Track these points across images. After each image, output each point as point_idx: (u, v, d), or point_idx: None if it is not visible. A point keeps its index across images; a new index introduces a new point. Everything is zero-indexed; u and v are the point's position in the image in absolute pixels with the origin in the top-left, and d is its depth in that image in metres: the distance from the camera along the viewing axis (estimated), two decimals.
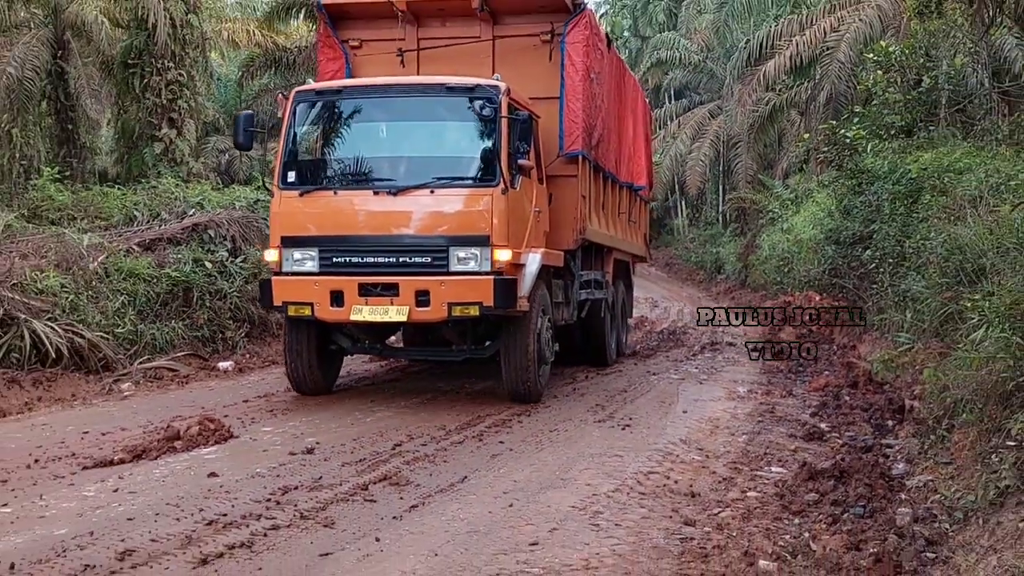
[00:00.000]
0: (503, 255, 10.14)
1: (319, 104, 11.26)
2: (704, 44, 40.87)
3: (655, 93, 46.56)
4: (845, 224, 16.90)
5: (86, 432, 9.09)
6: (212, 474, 7.51)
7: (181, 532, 6.06)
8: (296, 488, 7.15)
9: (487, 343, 11.22)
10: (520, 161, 10.60)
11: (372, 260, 10.35)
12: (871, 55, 19.97)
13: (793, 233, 24.33)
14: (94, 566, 5.43)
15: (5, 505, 6.59)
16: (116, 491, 7.01)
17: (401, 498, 6.97)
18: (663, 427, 9.91)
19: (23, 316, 11.34)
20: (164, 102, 21.09)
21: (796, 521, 6.52)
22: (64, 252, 13.15)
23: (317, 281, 10.35)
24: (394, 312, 10.11)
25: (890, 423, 9.69)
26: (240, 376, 13.55)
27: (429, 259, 10.26)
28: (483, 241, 10.14)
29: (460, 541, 6.02)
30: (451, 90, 10.79)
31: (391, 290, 10.14)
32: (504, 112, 10.43)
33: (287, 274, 10.56)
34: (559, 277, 12.22)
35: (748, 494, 7.19)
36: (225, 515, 6.43)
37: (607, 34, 13.71)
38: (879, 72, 18.88)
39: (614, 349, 15.52)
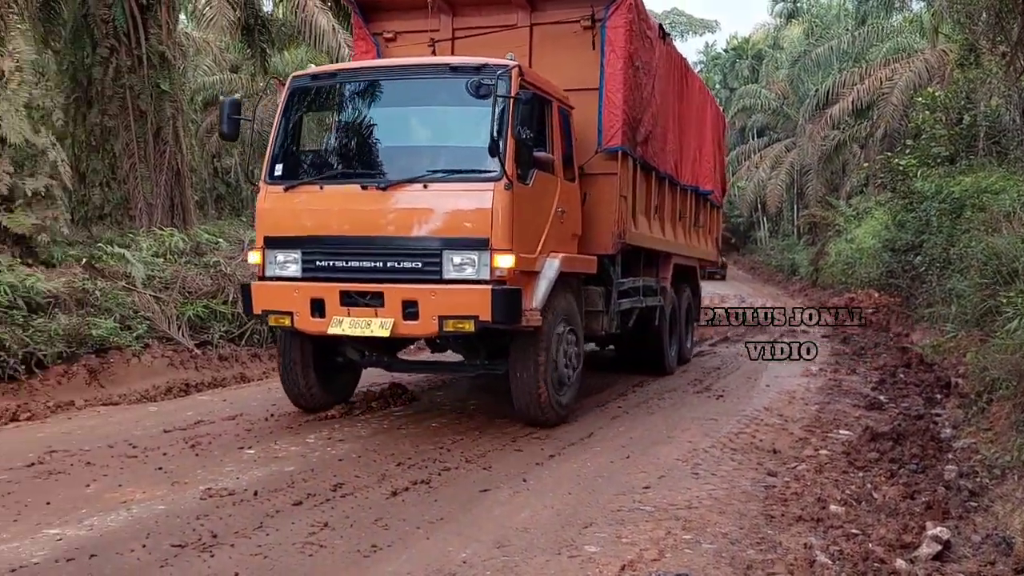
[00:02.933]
0: (504, 261, 6.86)
1: (314, 90, 8.02)
2: (781, 93, 40.10)
3: (740, 133, 46.01)
4: (899, 235, 16.49)
5: None
6: (400, 427, 7.67)
7: (378, 471, 6.19)
8: (462, 438, 7.23)
9: (501, 358, 7.78)
10: (536, 153, 7.33)
11: (357, 264, 7.17)
12: (920, 99, 19.62)
13: (856, 242, 23.83)
14: (314, 495, 5.59)
15: (250, 448, 6.84)
16: (330, 439, 7.19)
17: (542, 449, 6.97)
18: (750, 397, 9.64)
19: None
20: None
21: (860, 474, 6.27)
22: None
23: (297, 287, 7.29)
24: (377, 326, 6.95)
25: (938, 396, 9.25)
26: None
27: (420, 264, 7.00)
28: (481, 244, 6.88)
29: (588, 483, 5.98)
30: (455, 70, 7.27)
31: (375, 299, 7.02)
32: (513, 94, 6.98)
33: (270, 279, 7.49)
34: (598, 283, 8.80)
35: (820, 452, 6.96)
36: (410, 458, 6.54)
37: (661, 25, 10.14)
38: (927, 112, 18.44)
39: (674, 357, 11.80)
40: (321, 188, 7.44)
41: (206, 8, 17.61)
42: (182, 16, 20.77)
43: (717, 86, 49.76)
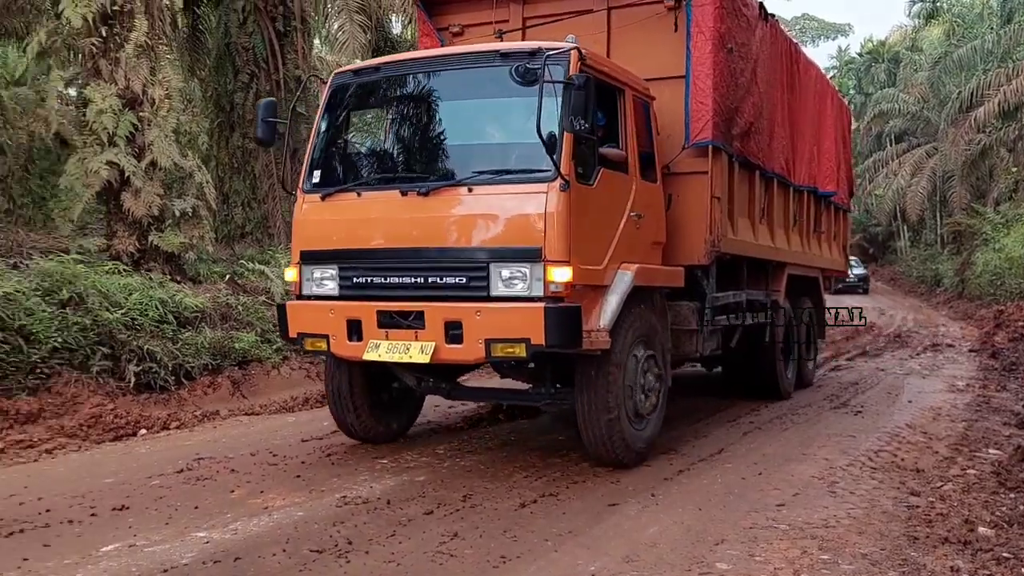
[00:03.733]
0: (561, 274, 5.87)
1: (355, 87, 7.02)
2: (920, 96, 38.41)
3: (877, 139, 44.34)
4: None
5: (436, 405, 9.21)
6: (527, 439, 7.72)
7: (506, 482, 6.25)
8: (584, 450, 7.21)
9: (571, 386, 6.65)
10: (603, 149, 6.44)
11: (396, 281, 6.31)
12: None
13: (1004, 252, 22.63)
14: (445, 504, 5.69)
15: (383, 458, 7.02)
16: (459, 450, 7.30)
17: (671, 464, 6.88)
18: (891, 414, 9.24)
19: None
20: None
21: (1011, 496, 5.93)
22: None
23: (333, 307, 6.48)
24: (416, 351, 6.07)
25: None
26: None
27: (465, 279, 6.08)
28: (533, 255, 5.90)
29: (719, 500, 5.87)
30: (506, 57, 6.21)
31: (416, 320, 6.14)
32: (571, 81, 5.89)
33: (307, 297, 6.72)
34: (689, 298, 7.70)
35: (967, 471, 6.61)
36: (538, 470, 6.58)
37: (762, 4, 8.81)
38: None
39: (791, 380, 10.48)
40: (359, 195, 6.57)
41: (339, 32, 18.27)
42: (316, 41, 21.58)
43: (851, 91, 48.11)
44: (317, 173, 6.85)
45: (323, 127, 7.02)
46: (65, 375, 8.33)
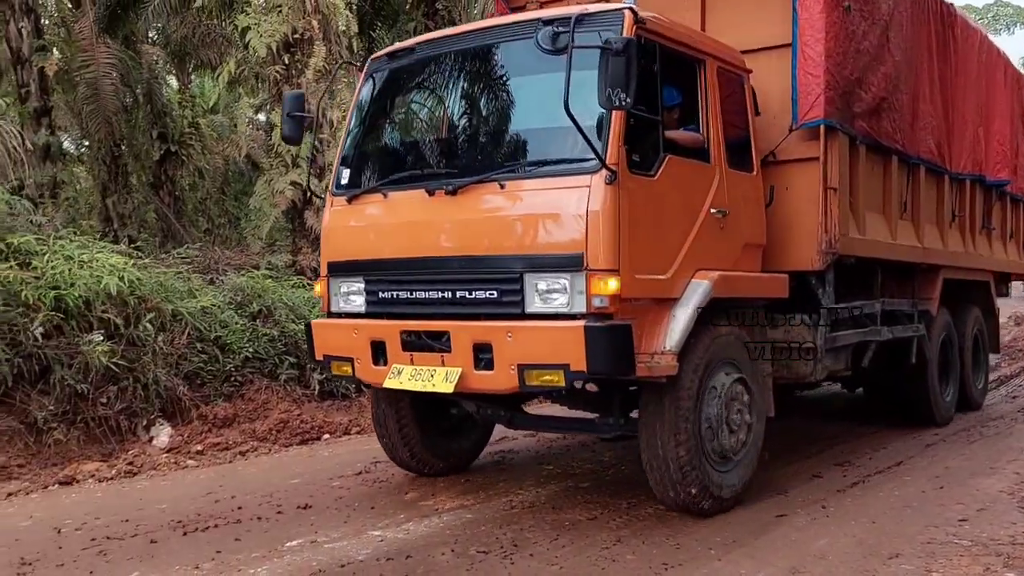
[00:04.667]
0: (606, 286, 4.85)
1: (390, 72, 6.13)
2: None
3: None
4: None
5: None
6: None
7: None
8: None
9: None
10: (671, 133, 5.46)
11: (423, 296, 5.49)
12: None
13: None
14: (608, 510, 5.75)
15: (549, 464, 7.16)
16: (624, 458, 7.29)
17: (844, 476, 6.66)
18: None
19: None
20: None
21: None
22: None
23: (358, 327, 5.75)
24: (440, 378, 5.24)
25: None
26: None
27: (496, 294, 5.17)
28: (573, 263, 4.92)
29: (895, 513, 5.64)
30: (549, 24, 4.95)
31: (441, 341, 5.32)
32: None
33: (335, 315, 6.01)
34: (804, 310, 6.41)
35: None
36: None
37: None
38: None
39: (950, 403, 8.89)
40: (385, 196, 5.72)
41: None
42: None
43: None
44: (346, 173, 6.05)
45: (355, 121, 6.20)
46: (256, 383, 8.97)
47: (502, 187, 5.20)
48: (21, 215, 9.08)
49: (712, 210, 5.64)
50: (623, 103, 4.66)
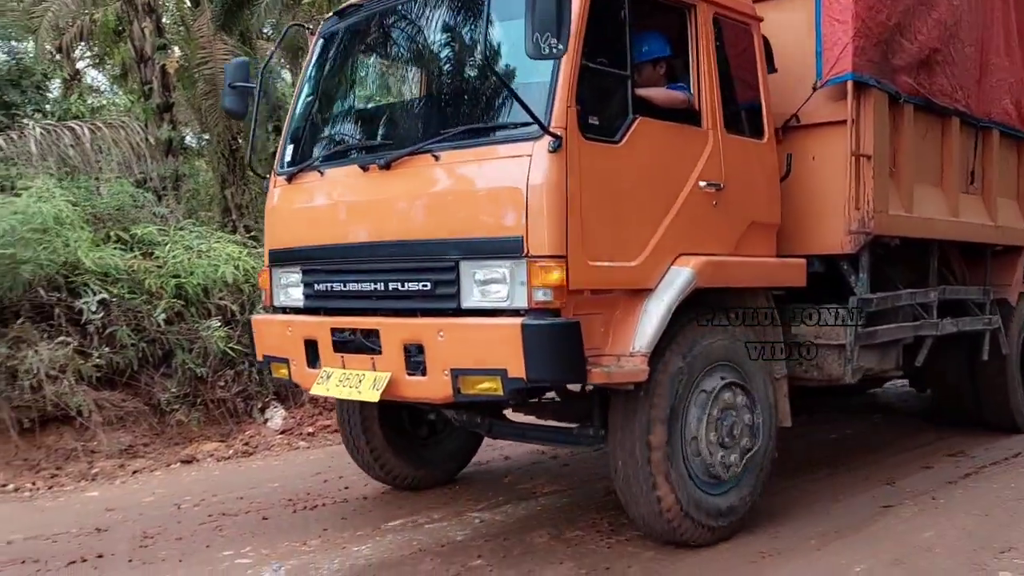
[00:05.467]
0: (550, 275, 4.05)
1: (342, 34, 5.33)
2: None
3: None
4: None
5: None
6: (800, 435, 7.53)
7: (772, 480, 6.17)
8: (862, 450, 6.94)
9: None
10: (643, 91, 4.55)
11: (356, 288, 4.73)
12: None
13: None
14: None
15: (566, 464, 7.14)
16: None
17: (957, 467, 6.46)
18: None
19: None
20: None
21: None
22: None
23: (292, 324, 5.07)
24: (368, 385, 4.49)
25: None
26: None
27: (430, 285, 4.38)
28: (513, 248, 4.11)
29: (1009, 506, 5.44)
30: None
31: (371, 341, 4.56)
32: None
33: (279, 310, 5.31)
34: (838, 300, 5.48)
35: None
36: (805, 469, 6.45)
37: None
38: None
39: None
40: (322, 174, 4.96)
41: None
42: None
43: None
44: (290, 149, 5.31)
45: (304, 89, 5.45)
46: None
47: (436, 159, 4.38)
48: (145, 207, 9.56)
49: (701, 183, 4.72)
50: (554, 50, 3.82)
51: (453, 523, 5.32)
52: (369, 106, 5.41)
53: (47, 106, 10.30)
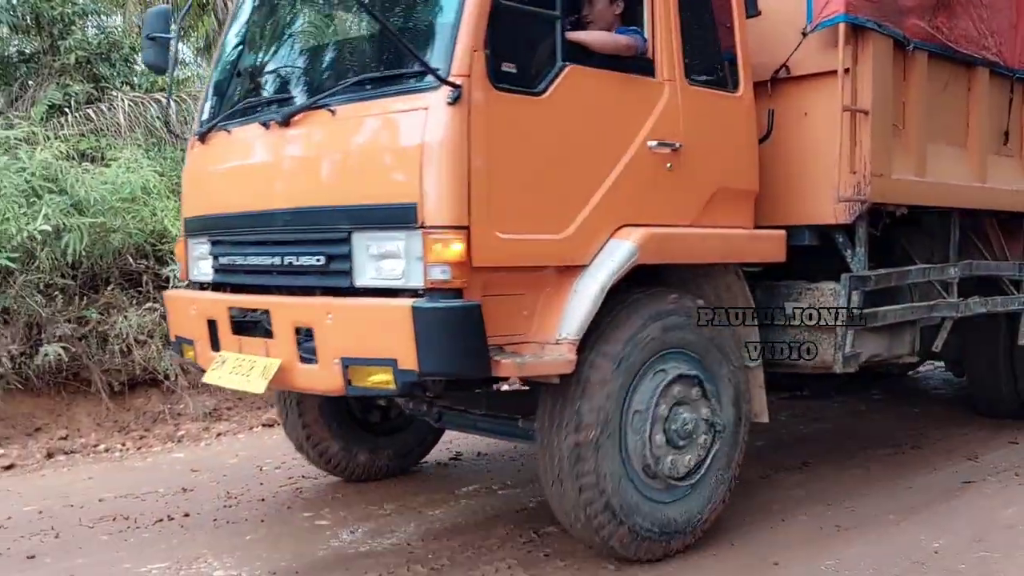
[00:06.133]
0: (448, 249, 3.46)
1: None
2: None
3: None
4: None
5: None
6: (875, 410, 7.40)
7: (848, 453, 6.08)
8: (944, 425, 6.79)
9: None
10: (575, 35, 3.93)
11: (256, 262, 4.19)
12: None
13: None
14: (783, 469, 5.68)
15: None
16: (804, 416, 7.15)
17: None
18: None
19: None
20: None
21: None
22: None
23: (196, 301, 4.53)
24: (257, 373, 3.95)
25: None
26: None
27: (323, 259, 3.84)
28: (407, 217, 3.52)
29: None
30: None
31: (265, 323, 4.05)
32: None
33: (195, 285, 4.74)
34: (829, 277, 4.78)
35: None
36: (882, 444, 6.32)
37: None
38: None
39: None
40: (229, 133, 4.37)
41: None
42: None
43: None
44: (207, 107, 4.71)
45: (225, 41, 4.90)
46: None
47: (333, 114, 3.82)
48: None
49: (651, 143, 4.07)
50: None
51: (526, 490, 5.37)
52: (280, 57, 4.65)
53: (135, 79, 10.57)
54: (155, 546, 4.50)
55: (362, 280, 3.68)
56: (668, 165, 4.14)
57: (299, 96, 4.17)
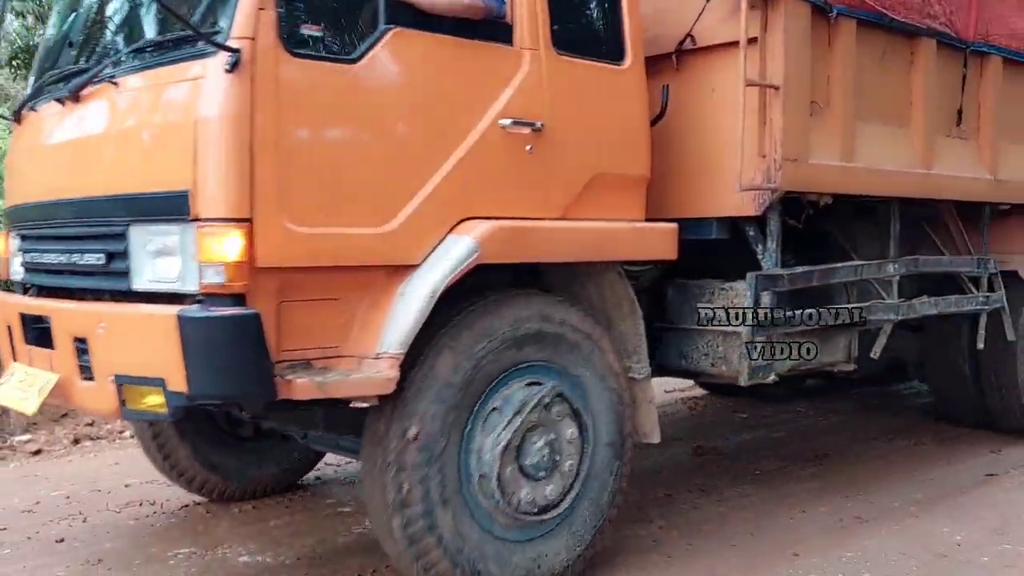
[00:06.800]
0: (223, 246, 2.82)
1: None
2: None
3: None
4: None
5: None
6: (888, 404, 7.36)
7: (866, 444, 6.07)
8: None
9: None
10: None
11: (49, 260, 3.60)
12: None
13: None
14: (798, 460, 5.68)
15: (742, 413, 7.11)
16: (821, 408, 7.15)
17: None
18: None
19: None
20: None
21: None
22: None
23: (3, 303, 3.91)
24: (36, 390, 3.39)
25: None
26: None
27: (102, 258, 3.21)
28: (179, 207, 2.90)
29: None
30: None
31: (49, 332, 3.44)
32: None
33: (19, 285, 4.03)
34: (739, 276, 4.21)
35: None
36: (899, 434, 6.31)
37: None
38: None
39: None
40: (35, 110, 3.82)
41: None
42: None
43: None
44: (31, 82, 4.07)
45: (52, 13, 4.32)
46: None
47: (116, 85, 3.28)
48: None
49: (504, 121, 3.46)
50: None
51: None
52: (86, 22, 3.90)
53: None
54: (181, 531, 4.56)
55: (139, 282, 3.11)
56: (529, 148, 3.55)
57: (92, 67, 3.47)
